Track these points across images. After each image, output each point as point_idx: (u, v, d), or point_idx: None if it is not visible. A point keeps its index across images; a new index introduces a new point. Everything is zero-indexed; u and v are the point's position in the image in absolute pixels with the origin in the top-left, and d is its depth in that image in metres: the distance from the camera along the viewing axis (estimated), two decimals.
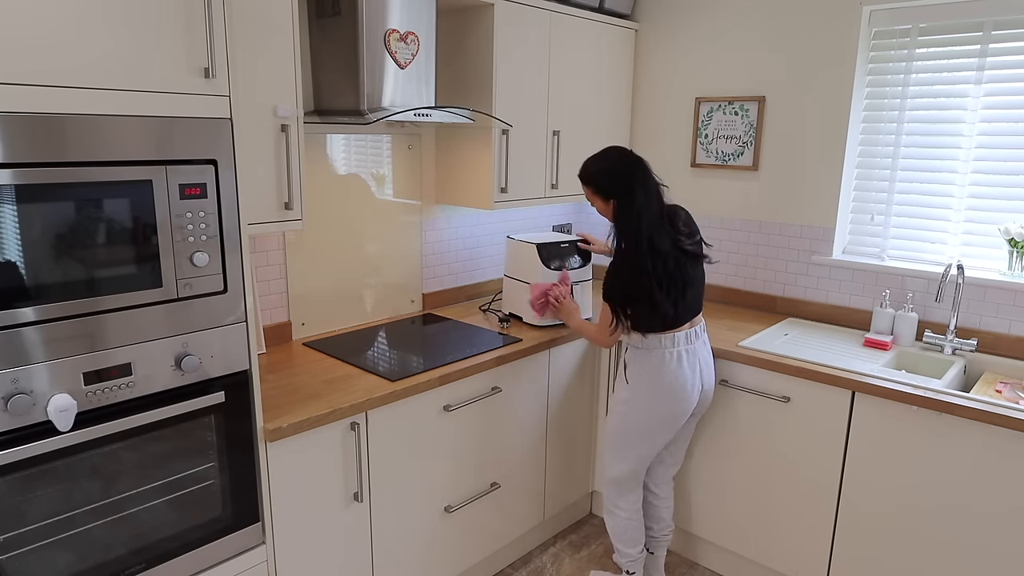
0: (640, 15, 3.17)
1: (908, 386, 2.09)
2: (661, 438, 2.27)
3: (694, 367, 2.22)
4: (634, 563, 2.41)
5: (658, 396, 2.20)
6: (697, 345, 2.24)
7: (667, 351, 2.18)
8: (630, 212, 2.11)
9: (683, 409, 2.22)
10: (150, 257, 1.50)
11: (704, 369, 2.26)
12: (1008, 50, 2.35)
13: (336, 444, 1.93)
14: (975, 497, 2.00)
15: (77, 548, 1.50)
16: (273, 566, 1.85)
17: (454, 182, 2.76)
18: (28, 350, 1.36)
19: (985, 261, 2.49)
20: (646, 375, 2.21)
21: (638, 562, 2.41)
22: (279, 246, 2.36)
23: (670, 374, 2.18)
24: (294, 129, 1.96)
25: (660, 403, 2.20)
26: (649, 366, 2.20)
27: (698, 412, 2.35)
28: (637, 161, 2.18)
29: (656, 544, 2.52)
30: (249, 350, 1.71)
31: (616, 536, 2.41)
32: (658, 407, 2.21)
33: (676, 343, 2.19)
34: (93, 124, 1.38)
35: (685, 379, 2.19)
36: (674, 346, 2.19)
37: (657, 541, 2.51)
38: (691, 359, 2.21)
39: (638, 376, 2.23)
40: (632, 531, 2.38)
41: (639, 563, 2.41)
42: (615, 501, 2.38)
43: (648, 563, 2.56)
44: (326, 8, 2.19)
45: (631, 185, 2.12)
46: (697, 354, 2.24)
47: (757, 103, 2.86)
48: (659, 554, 2.54)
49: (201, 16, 1.50)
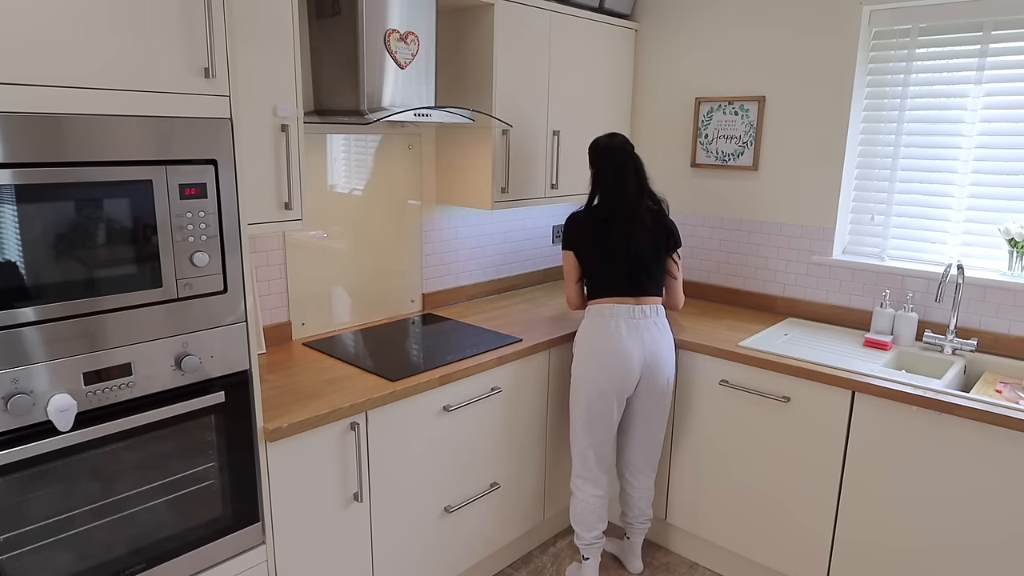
0: (640, 15, 3.17)
1: (908, 386, 2.09)
2: (606, 414, 2.32)
3: (635, 340, 2.28)
4: (588, 548, 2.46)
5: (594, 359, 2.27)
6: (644, 323, 2.30)
7: (607, 320, 2.28)
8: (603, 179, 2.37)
9: (621, 379, 2.27)
10: (150, 257, 1.50)
11: (650, 346, 2.30)
12: (1008, 50, 2.35)
13: (336, 444, 1.93)
14: (975, 497, 2.00)
15: (77, 548, 1.50)
16: (273, 566, 1.85)
17: (454, 182, 2.76)
18: (28, 350, 1.36)
19: (985, 261, 2.49)
20: (585, 338, 2.32)
21: (592, 547, 2.46)
22: (279, 246, 2.36)
23: (607, 339, 2.26)
24: (294, 129, 1.96)
25: (596, 368, 2.27)
26: (588, 330, 2.32)
27: (649, 396, 2.36)
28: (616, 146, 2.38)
29: (632, 530, 2.60)
30: (249, 350, 1.71)
31: (572, 517, 2.48)
32: (594, 372, 2.27)
33: (616, 313, 2.28)
34: (93, 124, 1.38)
35: (624, 347, 2.26)
36: (613, 316, 2.28)
37: (632, 527, 2.59)
38: (632, 332, 2.28)
39: (579, 341, 2.34)
40: (587, 515, 2.43)
41: (593, 548, 2.46)
42: (575, 483, 2.45)
43: (624, 548, 2.65)
44: (326, 8, 2.19)
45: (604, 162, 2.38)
46: (642, 330, 2.29)
47: (757, 103, 2.86)
48: (635, 540, 2.62)
49: (201, 16, 1.50)
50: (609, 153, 2.37)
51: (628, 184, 2.33)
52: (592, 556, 2.47)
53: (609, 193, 2.35)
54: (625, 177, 2.34)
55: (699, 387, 2.54)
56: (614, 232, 2.31)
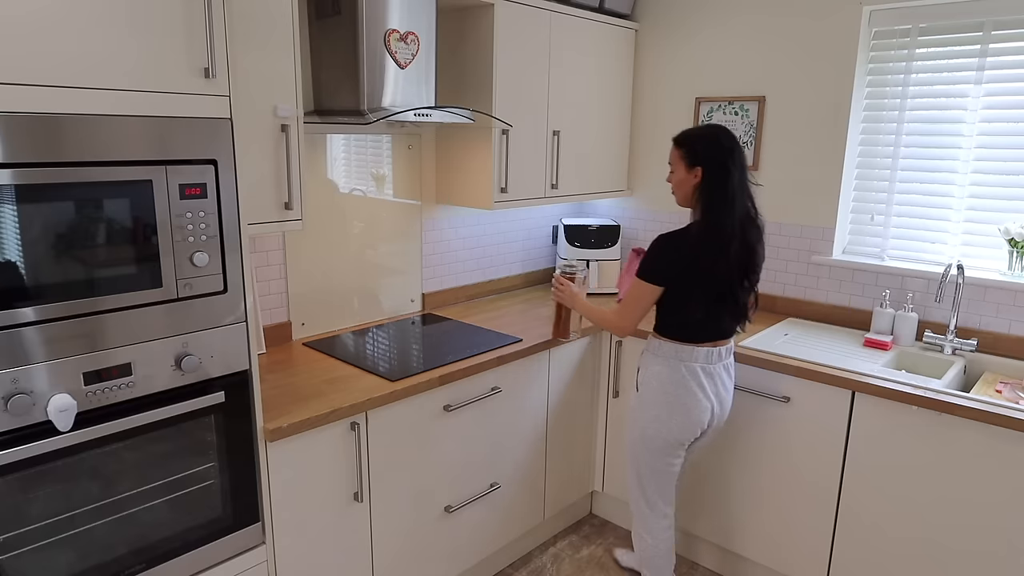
0: (640, 15, 3.17)
1: (908, 386, 2.09)
2: (672, 457, 2.15)
3: (712, 388, 2.09)
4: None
5: (667, 409, 2.08)
6: (719, 368, 2.10)
7: (684, 364, 2.04)
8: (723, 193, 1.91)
9: (691, 431, 2.10)
10: (150, 257, 1.50)
11: (722, 392, 2.13)
12: (1008, 50, 2.35)
13: (336, 444, 1.93)
14: (975, 497, 2.00)
15: (77, 548, 1.50)
16: (273, 566, 1.85)
17: (454, 182, 2.76)
18: (28, 350, 1.36)
19: (985, 261, 2.49)
20: (658, 386, 2.08)
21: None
22: (279, 246, 2.36)
23: (684, 389, 2.06)
24: (294, 129, 1.96)
25: (670, 418, 2.09)
26: (662, 376, 2.07)
27: (708, 434, 2.22)
28: (741, 148, 1.99)
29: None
30: (249, 350, 1.71)
31: (643, 562, 2.32)
32: (667, 421, 2.09)
33: (696, 358, 2.04)
34: (93, 124, 1.38)
35: (698, 399, 2.06)
36: (693, 361, 2.04)
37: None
38: (710, 380, 2.08)
39: (649, 385, 2.12)
40: (659, 559, 2.27)
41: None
42: (639, 526, 2.29)
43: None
44: (326, 8, 2.19)
45: (727, 159, 1.92)
46: (717, 377, 2.10)
47: (757, 103, 2.86)
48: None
49: (201, 16, 1.50)
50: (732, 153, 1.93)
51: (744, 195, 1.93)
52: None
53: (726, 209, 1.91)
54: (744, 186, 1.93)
55: None
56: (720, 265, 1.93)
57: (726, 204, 1.92)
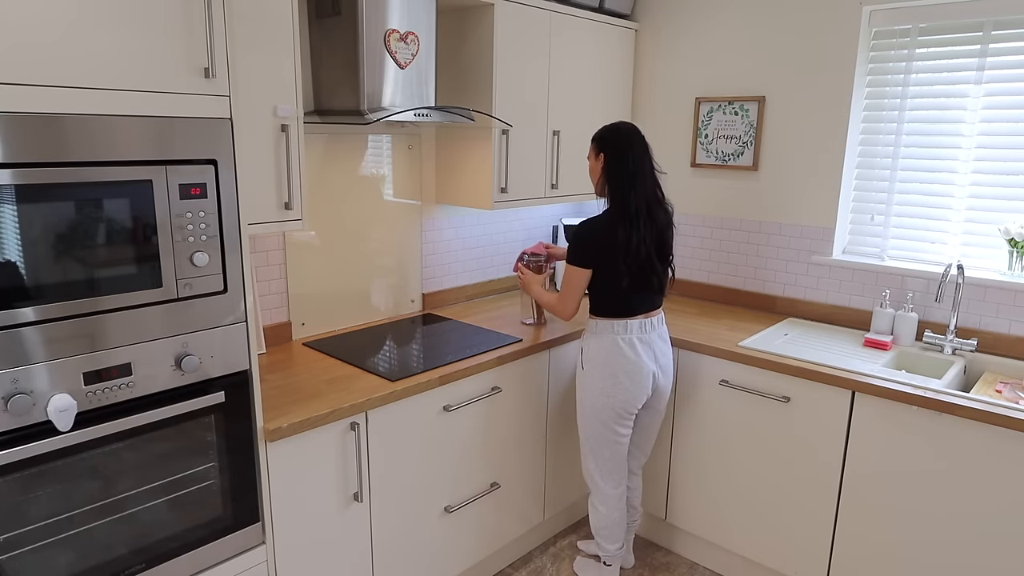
0: (640, 15, 3.17)
1: (908, 386, 2.09)
2: (621, 427, 2.27)
3: (650, 355, 2.24)
4: (612, 558, 2.47)
5: (611, 380, 2.21)
6: (653, 336, 2.25)
7: (620, 337, 2.21)
8: (622, 170, 2.15)
9: (637, 395, 2.24)
10: (150, 257, 1.50)
11: (660, 358, 2.28)
12: (1008, 50, 2.35)
13: (336, 444, 1.93)
14: (975, 497, 2.00)
15: (77, 548, 1.50)
16: (273, 566, 1.85)
17: (454, 182, 2.76)
18: (28, 350, 1.36)
19: (985, 261, 2.49)
20: (600, 359, 2.23)
21: (616, 557, 2.47)
22: (279, 246, 2.36)
23: (624, 358, 2.20)
24: (294, 129, 1.96)
25: (614, 388, 2.22)
26: (603, 350, 2.23)
27: (656, 404, 2.36)
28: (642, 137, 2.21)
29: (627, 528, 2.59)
30: (249, 350, 1.71)
31: (596, 531, 2.44)
32: (612, 392, 2.22)
33: (629, 330, 2.21)
34: (93, 124, 1.38)
35: (641, 365, 2.21)
36: (627, 332, 2.21)
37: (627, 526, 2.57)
38: (647, 348, 2.23)
39: (592, 361, 2.25)
40: (612, 528, 2.40)
41: (617, 558, 2.48)
42: (594, 497, 2.41)
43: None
44: (326, 8, 2.19)
45: (625, 146, 2.17)
46: (654, 344, 2.26)
47: (757, 103, 2.86)
48: (628, 536, 2.62)
49: (201, 16, 1.50)
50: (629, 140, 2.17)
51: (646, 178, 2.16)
52: (615, 565, 2.50)
53: (627, 187, 2.14)
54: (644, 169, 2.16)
55: (699, 387, 2.54)
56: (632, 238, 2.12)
57: (627, 182, 2.15)
